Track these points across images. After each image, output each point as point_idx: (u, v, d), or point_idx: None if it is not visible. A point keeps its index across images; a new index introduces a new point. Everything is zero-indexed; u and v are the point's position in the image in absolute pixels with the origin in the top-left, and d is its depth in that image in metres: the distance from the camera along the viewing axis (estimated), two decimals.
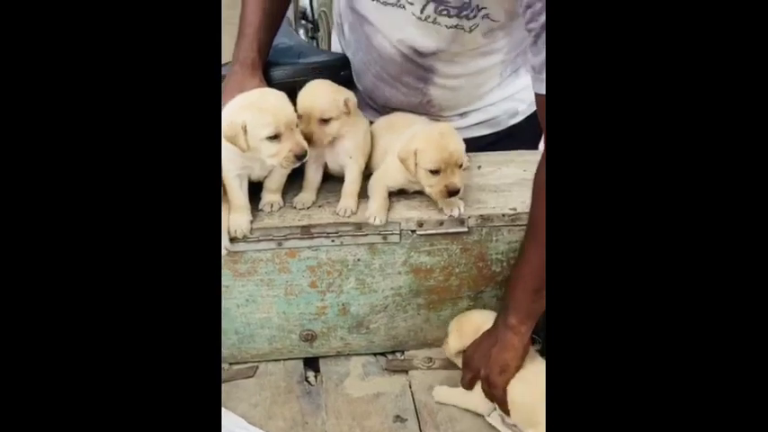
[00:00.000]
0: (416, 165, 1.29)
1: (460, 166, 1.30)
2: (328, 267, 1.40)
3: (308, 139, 1.28)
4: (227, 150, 1.28)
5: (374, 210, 1.34)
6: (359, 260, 1.39)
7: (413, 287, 1.44)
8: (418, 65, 1.49)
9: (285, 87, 1.43)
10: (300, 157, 1.22)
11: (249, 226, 1.33)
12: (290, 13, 2.32)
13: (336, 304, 1.45)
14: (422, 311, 1.48)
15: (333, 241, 1.37)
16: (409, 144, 1.31)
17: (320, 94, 1.33)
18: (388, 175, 1.39)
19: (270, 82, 1.47)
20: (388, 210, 1.37)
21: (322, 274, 1.40)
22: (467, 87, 1.56)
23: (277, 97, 1.25)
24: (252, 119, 1.19)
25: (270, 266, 1.38)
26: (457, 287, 1.45)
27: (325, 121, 1.31)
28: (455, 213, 1.34)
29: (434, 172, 1.28)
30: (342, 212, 1.35)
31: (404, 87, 1.54)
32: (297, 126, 1.24)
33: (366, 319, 1.48)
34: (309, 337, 1.49)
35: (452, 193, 1.29)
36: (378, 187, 1.38)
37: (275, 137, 1.19)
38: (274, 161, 1.23)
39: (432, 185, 1.30)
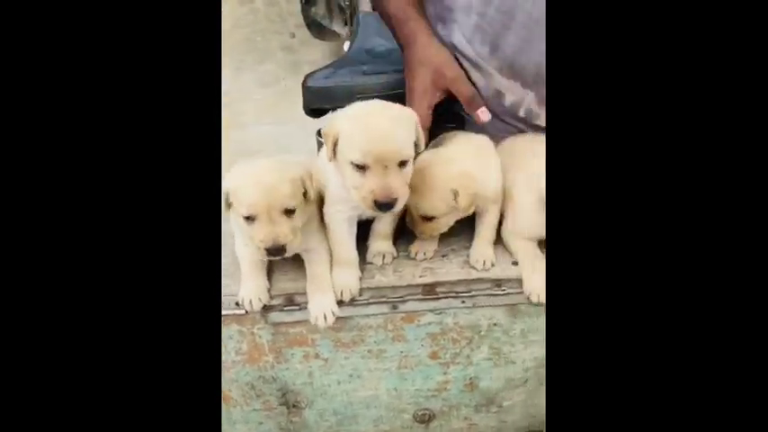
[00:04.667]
0: None
1: None
2: (455, 334, 1.09)
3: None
4: (334, 189, 0.98)
5: (532, 282, 1.02)
6: (495, 325, 1.08)
7: None
8: None
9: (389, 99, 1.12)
10: None
11: (358, 285, 1.02)
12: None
13: (462, 378, 1.14)
14: None
15: (463, 302, 1.05)
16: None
17: (428, 191, 0.99)
18: (525, 222, 1.06)
19: (369, 93, 1.16)
20: None
21: (446, 342, 1.09)
22: None
23: None
24: None
25: (381, 334, 1.08)
26: None
27: (429, 218, 1.02)
28: None
29: None
30: (479, 264, 1.03)
31: None
32: None
33: (499, 396, 1.17)
34: (426, 418, 1.18)
35: None
36: (524, 246, 1.05)
37: None
38: None
39: None
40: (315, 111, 1.19)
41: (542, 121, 1.20)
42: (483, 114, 0.99)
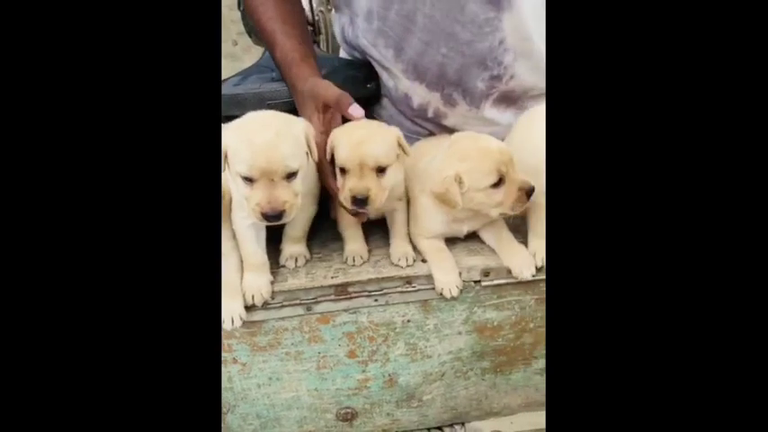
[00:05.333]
0: (466, 191, 0.99)
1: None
2: (371, 332, 1.11)
3: (361, 198, 0.98)
4: (236, 196, 0.99)
5: (442, 278, 1.05)
6: (409, 321, 1.11)
7: (476, 349, 1.15)
8: None
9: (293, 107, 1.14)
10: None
11: (270, 288, 1.03)
12: None
13: (381, 375, 1.16)
14: (487, 376, 1.19)
15: (376, 300, 1.08)
16: (442, 171, 1.00)
17: (372, 140, 0.98)
18: (425, 222, 1.09)
19: (277, 98, 1.17)
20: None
21: (363, 340, 1.12)
22: None
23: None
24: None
25: (297, 336, 1.09)
26: (531, 345, 1.16)
27: (381, 170, 1.00)
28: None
29: (497, 184, 0.99)
30: (402, 262, 1.07)
31: (468, 28, 1.11)
32: None
33: (418, 391, 1.19)
34: (349, 416, 1.20)
35: (530, 192, 0.99)
36: (429, 245, 1.09)
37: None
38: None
39: (500, 202, 1.00)
40: (228, 118, 1.20)
41: (450, 121, 1.24)
42: (354, 111, 1.00)
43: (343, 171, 1.00)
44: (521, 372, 1.19)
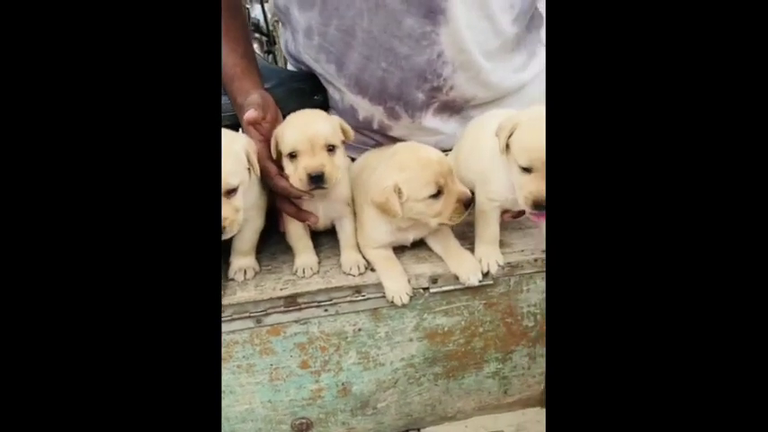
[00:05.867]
0: (405, 201, 1.01)
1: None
2: (322, 342, 1.12)
3: (317, 175, 1.00)
4: None
5: (391, 286, 1.07)
6: (360, 330, 1.12)
7: (428, 355, 1.17)
8: None
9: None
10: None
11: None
12: None
13: (335, 385, 1.17)
14: (440, 381, 1.21)
15: (326, 311, 1.08)
16: (382, 181, 1.02)
17: (318, 120, 1.04)
18: (371, 232, 1.11)
19: (222, 114, 1.18)
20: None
21: (314, 351, 1.12)
22: (489, 26, 1.17)
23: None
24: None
25: (248, 349, 1.09)
26: (481, 350, 1.18)
27: (331, 149, 1.03)
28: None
29: (436, 195, 1.00)
30: (354, 270, 1.08)
31: (406, 43, 1.13)
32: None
33: (372, 398, 1.20)
34: (304, 427, 1.20)
35: (468, 203, 1.01)
36: (377, 254, 1.10)
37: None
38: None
39: (439, 212, 1.01)
40: None
41: (395, 133, 1.26)
42: (248, 114, 1.02)
43: (292, 156, 1.01)
44: (473, 376, 1.21)
